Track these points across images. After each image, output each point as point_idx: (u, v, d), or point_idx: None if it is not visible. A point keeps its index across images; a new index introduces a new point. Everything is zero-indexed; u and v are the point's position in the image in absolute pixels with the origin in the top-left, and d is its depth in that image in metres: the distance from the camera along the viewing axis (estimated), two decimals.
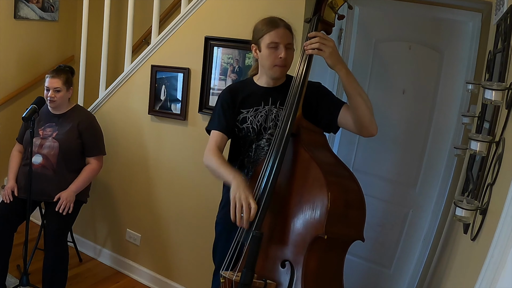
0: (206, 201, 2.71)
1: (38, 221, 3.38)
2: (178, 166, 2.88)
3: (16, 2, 3.62)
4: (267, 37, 1.82)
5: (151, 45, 2.88)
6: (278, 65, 1.84)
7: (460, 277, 1.43)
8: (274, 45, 1.82)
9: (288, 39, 1.84)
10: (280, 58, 1.82)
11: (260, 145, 1.94)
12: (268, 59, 1.84)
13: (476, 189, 1.49)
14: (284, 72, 1.89)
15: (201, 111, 2.69)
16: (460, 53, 2.30)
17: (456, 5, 2.26)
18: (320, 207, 1.58)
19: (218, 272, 2.03)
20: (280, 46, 1.82)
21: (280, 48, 1.82)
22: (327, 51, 1.69)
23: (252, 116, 1.94)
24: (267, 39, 1.82)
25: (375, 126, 1.80)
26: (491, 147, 1.37)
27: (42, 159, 2.73)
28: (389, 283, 2.58)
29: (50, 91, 2.72)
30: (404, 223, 2.52)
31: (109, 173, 3.18)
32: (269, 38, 1.82)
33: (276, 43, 1.82)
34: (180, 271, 2.95)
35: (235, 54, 2.53)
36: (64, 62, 3.93)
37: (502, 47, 1.51)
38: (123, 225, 3.20)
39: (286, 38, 1.83)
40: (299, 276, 1.59)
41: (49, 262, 2.58)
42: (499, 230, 0.97)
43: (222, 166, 1.82)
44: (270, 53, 1.83)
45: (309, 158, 1.66)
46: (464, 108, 2.30)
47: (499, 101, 1.27)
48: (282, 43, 1.82)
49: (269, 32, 1.82)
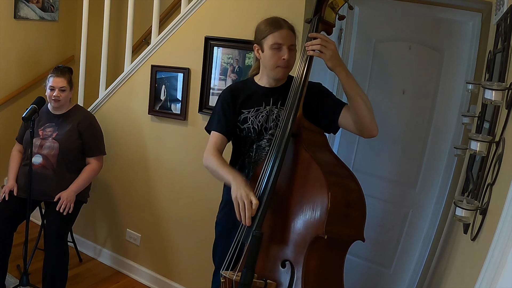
0: (206, 201, 2.72)
1: (38, 221, 3.38)
2: (178, 166, 2.88)
3: (16, 2, 3.62)
4: (270, 38, 1.82)
5: (151, 45, 2.88)
6: (281, 66, 1.84)
7: (460, 277, 1.43)
8: (277, 46, 1.82)
9: (291, 40, 1.84)
10: (283, 60, 1.82)
11: (261, 146, 1.94)
12: (271, 60, 1.84)
13: (476, 189, 1.49)
14: (286, 73, 1.89)
15: (201, 111, 2.69)
16: (460, 53, 2.30)
17: (456, 5, 2.26)
18: (320, 207, 1.58)
19: (218, 272, 2.03)
20: (283, 47, 1.81)
21: (283, 49, 1.82)
22: (328, 53, 1.68)
23: (253, 117, 1.94)
24: (270, 40, 1.82)
25: (376, 127, 1.80)
26: (491, 147, 1.37)
27: (42, 159, 2.73)
28: (389, 283, 2.58)
29: (56, 90, 2.71)
30: (404, 223, 2.52)
31: (109, 173, 3.18)
32: (273, 39, 1.81)
33: (279, 44, 1.81)
34: (180, 271, 2.96)
35: (235, 54, 2.53)
36: (64, 62, 3.94)
37: (502, 47, 1.51)
38: (123, 225, 3.20)
39: (289, 40, 1.83)
40: (299, 276, 1.59)
41: (49, 262, 2.58)
42: (499, 230, 0.97)
43: (222, 167, 1.82)
44: (273, 54, 1.83)
45: (309, 158, 1.66)
46: (464, 108, 2.30)
47: (499, 101, 1.27)
48: (285, 44, 1.81)
49: (273, 33, 1.82)
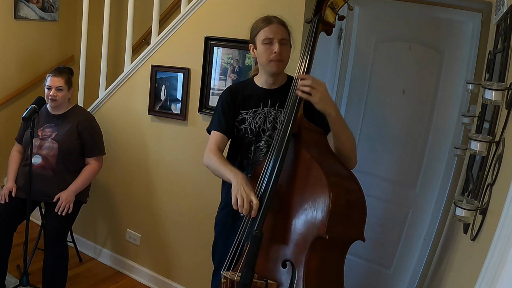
0: (206, 201, 2.72)
1: (38, 221, 3.38)
2: (178, 166, 2.88)
3: (16, 2, 3.62)
4: (261, 33, 1.85)
5: (151, 45, 2.88)
6: (273, 60, 1.85)
7: (460, 277, 1.43)
8: (268, 41, 1.84)
9: (282, 35, 1.85)
10: (274, 53, 1.83)
11: (259, 147, 1.94)
12: (264, 55, 1.86)
13: (476, 189, 1.49)
14: (280, 67, 1.89)
15: (201, 111, 2.69)
16: (460, 53, 2.30)
17: (456, 5, 2.26)
18: (321, 207, 1.58)
19: (217, 272, 2.03)
20: (274, 41, 1.84)
21: (274, 43, 1.84)
22: (316, 96, 1.68)
23: (250, 118, 1.94)
24: (261, 35, 1.85)
25: (355, 161, 1.81)
26: (491, 147, 1.37)
27: (41, 160, 2.72)
28: (389, 283, 2.58)
29: (52, 89, 2.71)
30: (404, 223, 2.52)
31: (109, 173, 3.18)
32: (264, 34, 1.85)
33: (270, 39, 1.84)
34: (180, 271, 2.96)
35: (235, 54, 2.53)
36: (64, 62, 3.94)
37: (502, 47, 1.51)
38: (123, 225, 3.20)
39: (280, 34, 1.85)
40: (300, 276, 1.59)
41: (49, 262, 2.58)
42: (499, 230, 0.97)
43: (223, 165, 1.83)
44: (265, 49, 1.85)
45: (310, 158, 1.66)
46: (464, 108, 2.30)
47: (499, 101, 1.27)
48: (276, 38, 1.83)
49: (263, 29, 1.85)
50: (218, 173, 1.86)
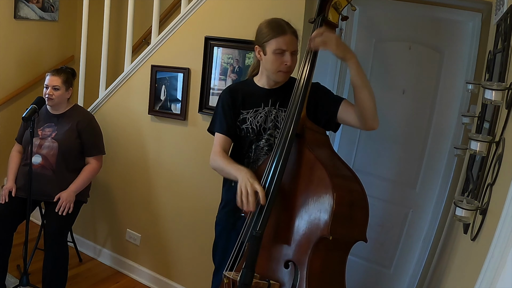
0: (206, 201, 2.72)
1: (38, 221, 3.38)
2: (178, 166, 2.88)
3: (16, 2, 3.62)
4: (273, 42, 1.81)
5: (151, 45, 2.88)
6: (282, 71, 1.84)
7: (460, 277, 1.43)
8: (280, 52, 1.81)
9: (294, 46, 1.83)
10: (285, 65, 1.82)
11: (259, 146, 1.94)
12: (274, 65, 1.84)
13: (476, 189, 1.49)
14: (287, 77, 1.90)
15: (201, 111, 2.69)
16: (460, 53, 2.30)
17: (456, 5, 2.26)
18: (325, 208, 1.58)
19: (218, 272, 2.03)
20: (286, 53, 1.81)
21: (286, 55, 1.81)
22: (333, 43, 1.67)
23: (251, 117, 1.94)
24: (273, 44, 1.81)
25: (377, 120, 1.79)
26: (491, 147, 1.37)
27: (41, 159, 2.72)
28: (389, 283, 2.58)
29: (49, 88, 2.72)
30: (404, 223, 2.52)
31: (109, 173, 3.18)
32: (276, 44, 1.80)
33: (282, 50, 1.81)
34: (180, 271, 2.96)
35: (235, 54, 2.53)
36: (64, 62, 3.94)
37: (502, 47, 1.51)
38: (123, 225, 3.20)
39: (292, 45, 1.82)
40: (303, 276, 1.59)
41: (49, 262, 2.58)
42: (499, 230, 0.97)
43: (229, 164, 1.83)
44: (275, 59, 1.82)
45: (314, 158, 1.66)
46: (464, 108, 2.30)
47: (499, 101, 1.27)
48: (288, 50, 1.81)
49: (276, 38, 1.80)
50: (224, 173, 1.86)
